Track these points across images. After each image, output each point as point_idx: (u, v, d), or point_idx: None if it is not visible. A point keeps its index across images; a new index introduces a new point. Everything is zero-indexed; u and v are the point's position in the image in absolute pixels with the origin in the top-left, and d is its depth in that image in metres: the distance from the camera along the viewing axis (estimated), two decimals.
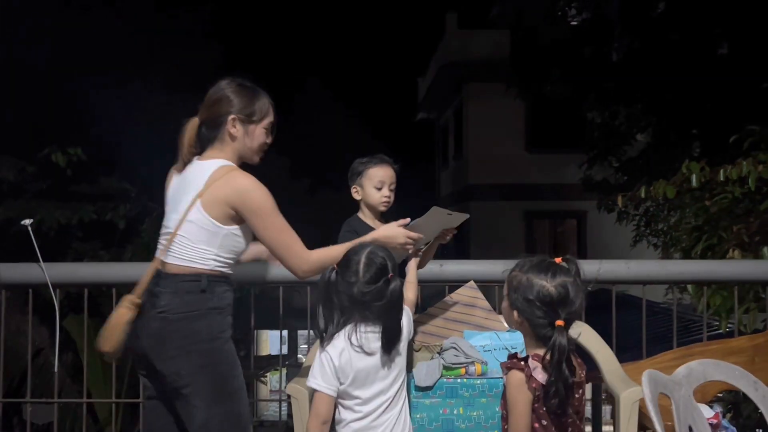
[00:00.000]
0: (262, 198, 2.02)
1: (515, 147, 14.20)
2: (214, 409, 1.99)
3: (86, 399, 3.35)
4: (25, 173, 6.63)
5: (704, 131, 9.13)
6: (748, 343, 2.81)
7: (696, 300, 4.35)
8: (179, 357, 1.98)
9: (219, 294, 2.03)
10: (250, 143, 2.11)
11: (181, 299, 1.99)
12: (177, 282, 2.01)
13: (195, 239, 2.02)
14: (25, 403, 3.29)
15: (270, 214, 2.03)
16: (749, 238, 4.46)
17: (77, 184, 6.67)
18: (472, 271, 2.91)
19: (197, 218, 2.01)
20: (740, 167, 4.25)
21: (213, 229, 2.01)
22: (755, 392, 1.77)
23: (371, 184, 2.50)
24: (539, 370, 1.72)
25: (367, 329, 1.99)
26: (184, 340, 1.98)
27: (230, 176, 2.02)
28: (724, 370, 1.75)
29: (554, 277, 1.75)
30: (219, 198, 2.00)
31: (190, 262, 2.02)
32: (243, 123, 2.09)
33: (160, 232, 2.14)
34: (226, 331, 2.04)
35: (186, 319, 1.99)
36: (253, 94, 2.12)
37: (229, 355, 2.04)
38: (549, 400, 1.71)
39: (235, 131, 2.08)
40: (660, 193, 4.68)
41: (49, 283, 2.79)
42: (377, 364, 2.00)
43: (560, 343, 1.69)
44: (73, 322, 4.67)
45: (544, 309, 1.74)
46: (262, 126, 2.12)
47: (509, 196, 14.08)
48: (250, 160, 2.15)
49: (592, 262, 2.95)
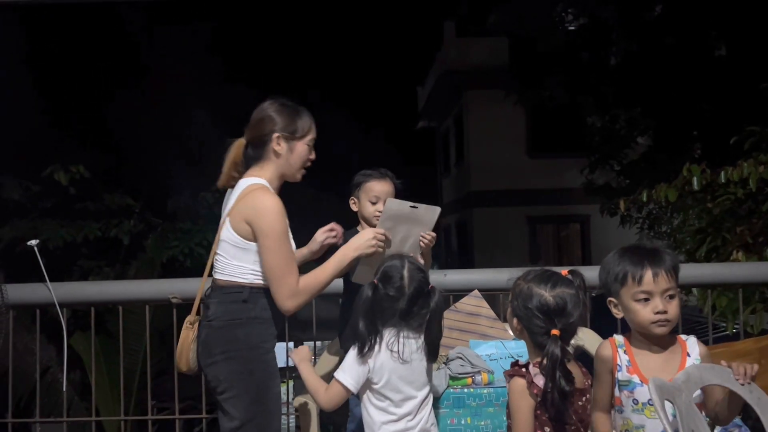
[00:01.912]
0: (274, 221, 2.04)
1: (516, 153, 14.22)
2: (246, 419, 2.03)
3: (95, 417, 3.35)
4: (30, 192, 6.67)
5: (704, 133, 9.14)
6: (755, 345, 2.80)
7: (701, 302, 4.35)
8: (220, 362, 2.05)
9: (261, 305, 2.08)
10: (293, 160, 2.16)
11: (225, 308, 2.08)
12: (222, 293, 2.10)
13: (230, 256, 2.09)
14: (35, 422, 3.30)
15: (276, 238, 2.04)
16: (753, 239, 4.46)
17: (81, 201, 6.71)
18: (476, 279, 2.91)
19: (227, 236, 2.10)
20: (741, 168, 4.26)
21: (243, 245, 2.07)
22: (750, 395, 1.77)
23: (367, 198, 2.53)
24: (540, 377, 1.74)
25: (408, 336, 2.03)
26: (226, 346, 2.05)
27: (254, 194, 2.07)
28: (720, 373, 1.76)
29: (554, 288, 1.79)
30: (242, 215, 2.07)
31: (231, 276, 2.10)
32: (287, 140, 2.15)
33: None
34: (267, 342, 2.09)
35: (228, 326, 2.06)
36: (295, 112, 2.18)
37: (269, 365, 2.08)
38: (546, 407, 1.72)
39: (280, 148, 2.14)
40: (662, 196, 4.68)
41: (56, 302, 2.80)
42: (413, 370, 2.03)
43: (552, 352, 1.71)
44: (80, 340, 4.69)
45: (542, 317, 1.77)
46: (305, 142, 2.18)
47: (512, 202, 14.08)
48: (293, 177, 2.20)
49: (595, 269, 2.95)
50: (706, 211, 4.91)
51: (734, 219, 4.72)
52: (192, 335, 2.13)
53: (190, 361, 2.13)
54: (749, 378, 1.81)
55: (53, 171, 6.18)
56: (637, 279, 1.82)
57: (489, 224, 14.18)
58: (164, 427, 5.37)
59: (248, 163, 2.18)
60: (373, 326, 2.02)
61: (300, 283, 2.06)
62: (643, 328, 1.85)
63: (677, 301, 1.86)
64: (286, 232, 2.07)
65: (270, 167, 2.16)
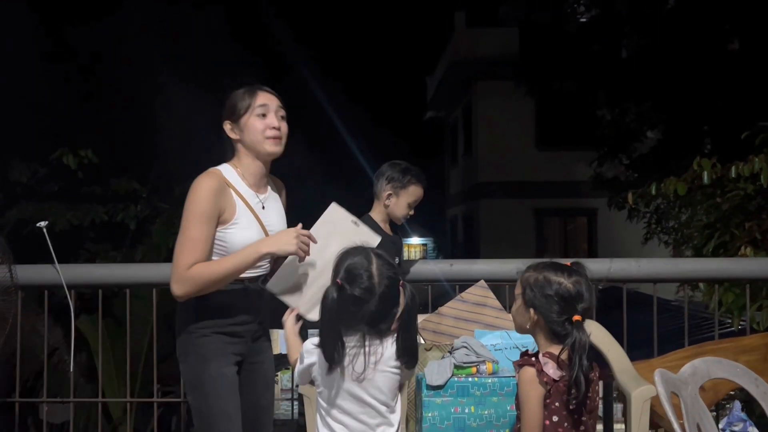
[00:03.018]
0: (193, 200, 2.02)
1: (525, 144, 14.16)
2: (190, 401, 2.11)
3: (101, 398, 3.38)
4: (38, 175, 6.69)
5: (715, 128, 9.07)
6: (761, 341, 2.80)
7: (708, 298, 4.33)
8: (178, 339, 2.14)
9: (206, 296, 2.05)
10: (249, 137, 2.11)
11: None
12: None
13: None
14: (41, 402, 3.33)
15: (188, 217, 2.01)
16: (761, 236, 4.43)
17: (88, 185, 6.73)
18: (482, 270, 2.91)
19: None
20: (752, 164, 4.22)
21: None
22: (756, 389, 1.78)
23: (407, 200, 2.57)
24: (550, 366, 1.75)
25: (374, 344, 1.80)
26: (177, 326, 2.12)
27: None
28: (727, 368, 1.76)
29: (570, 276, 1.81)
30: None
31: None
32: (233, 123, 2.13)
33: None
34: (205, 328, 2.07)
35: (181, 306, 2.10)
36: (236, 95, 2.14)
37: (201, 348, 2.07)
38: (570, 395, 1.73)
39: (233, 134, 2.13)
40: (671, 190, 4.65)
41: (64, 284, 2.82)
42: (376, 386, 1.81)
43: (580, 338, 1.73)
44: (86, 323, 4.71)
45: (562, 304, 1.78)
46: (252, 114, 2.10)
47: (519, 194, 14.04)
48: (263, 151, 2.12)
49: (603, 261, 2.95)
50: (715, 206, 4.87)
51: (743, 215, 4.68)
52: None
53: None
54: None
55: (62, 154, 6.20)
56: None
57: (496, 216, 14.15)
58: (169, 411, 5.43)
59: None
60: (335, 333, 1.76)
61: (191, 270, 1.99)
62: None
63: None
64: (204, 213, 2.00)
65: (240, 154, 2.15)
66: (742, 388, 2.21)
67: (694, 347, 2.82)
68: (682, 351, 2.82)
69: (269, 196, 2.22)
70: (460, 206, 17.16)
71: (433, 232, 20.64)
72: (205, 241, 2.01)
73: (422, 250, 20.64)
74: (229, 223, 2.06)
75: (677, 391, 1.87)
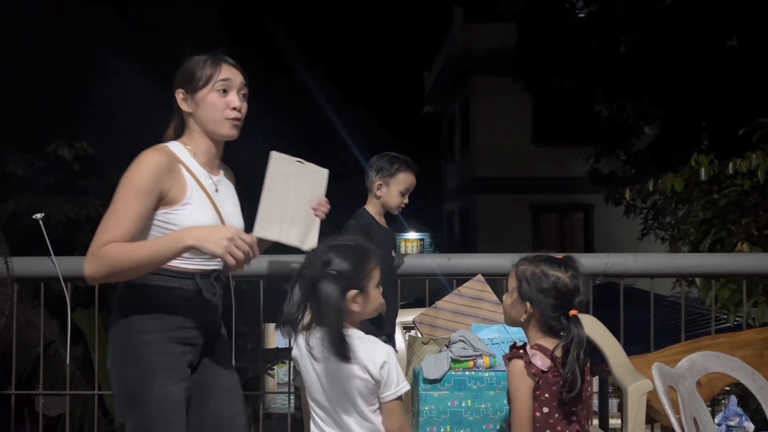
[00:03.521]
0: (133, 171, 1.74)
1: (522, 140, 14.17)
2: (120, 420, 1.78)
3: (97, 391, 3.37)
4: (34, 168, 6.66)
5: (713, 124, 9.08)
6: (757, 336, 2.81)
7: (704, 293, 4.35)
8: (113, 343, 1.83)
9: (147, 292, 1.78)
10: (205, 114, 1.84)
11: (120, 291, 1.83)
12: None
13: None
14: (37, 395, 3.32)
15: (122, 189, 1.73)
16: (758, 232, 4.44)
17: (85, 178, 6.70)
18: (479, 264, 2.91)
19: None
20: (749, 160, 4.23)
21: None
22: (753, 383, 1.79)
23: (398, 188, 2.53)
24: (538, 357, 1.76)
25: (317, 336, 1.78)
26: (113, 326, 1.82)
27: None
28: (724, 362, 1.77)
29: (567, 270, 1.80)
30: None
31: None
32: (188, 94, 1.85)
33: None
34: (150, 333, 1.76)
35: (119, 303, 1.81)
36: (195, 63, 1.85)
37: (146, 362, 1.74)
38: (564, 388, 1.73)
39: (186, 106, 1.85)
40: (668, 186, 4.66)
41: (60, 276, 2.80)
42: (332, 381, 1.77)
43: (578, 333, 1.73)
44: (82, 316, 4.70)
45: (559, 298, 1.77)
46: (213, 89, 1.83)
47: (516, 190, 14.05)
48: (220, 134, 1.87)
49: (599, 256, 2.95)
50: (712, 202, 4.89)
51: (740, 211, 4.70)
52: None
53: None
54: None
55: (57, 146, 6.17)
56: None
57: (492, 211, 14.16)
58: None
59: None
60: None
61: (106, 248, 1.68)
62: None
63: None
64: (141, 188, 1.72)
65: (192, 132, 1.87)
66: (737, 383, 2.22)
67: (690, 342, 2.83)
68: (678, 346, 2.83)
69: (222, 180, 1.95)
70: (456, 201, 17.16)
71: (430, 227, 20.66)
72: (133, 219, 1.71)
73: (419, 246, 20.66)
74: (180, 204, 1.78)
75: (674, 386, 1.87)
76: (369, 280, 1.77)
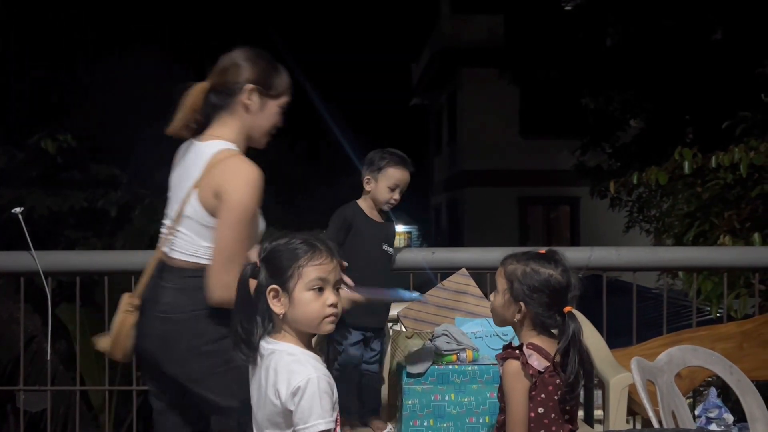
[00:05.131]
0: (246, 194, 1.73)
1: (509, 133, 14.20)
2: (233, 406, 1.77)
3: (80, 387, 3.35)
4: (15, 160, 6.58)
5: (697, 117, 9.15)
6: (737, 329, 2.84)
7: (687, 286, 4.39)
8: (191, 359, 1.78)
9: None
10: (262, 120, 1.88)
11: (188, 297, 1.78)
12: (182, 277, 1.80)
13: (196, 235, 1.79)
14: (19, 390, 3.29)
15: (241, 214, 1.73)
16: (740, 225, 4.49)
17: (67, 171, 6.63)
18: (464, 258, 2.91)
19: (194, 213, 1.79)
20: (732, 154, 4.26)
21: (211, 224, 1.76)
22: (730, 376, 1.81)
23: (386, 183, 2.50)
24: (534, 358, 1.73)
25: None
26: (194, 341, 1.78)
27: (228, 162, 1.76)
28: (702, 356, 1.79)
29: (557, 266, 1.77)
30: (212, 187, 1.75)
31: (195, 257, 1.79)
32: (260, 95, 1.86)
33: (162, 220, 1.92)
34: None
35: (193, 318, 1.77)
36: (273, 67, 1.90)
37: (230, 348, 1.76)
38: (567, 389, 1.71)
39: (251, 103, 1.85)
40: (652, 179, 4.68)
41: (40, 271, 2.78)
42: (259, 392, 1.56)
43: (575, 329, 1.71)
44: (66, 311, 4.66)
45: (553, 296, 1.75)
46: (278, 104, 1.90)
47: (503, 182, 14.09)
48: (258, 142, 1.92)
49: (583, 250, 2.96)
50: (696, 195, 4.92)
51: (723, 204, 4.74)
52: (131, 321, 1.85)
53: (126, 350, 1.88)
54: None
55: (40, 138, 6.09)
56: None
57: (480, 204, 14.20)
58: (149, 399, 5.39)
59: (209, 114, 1.86)
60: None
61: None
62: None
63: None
64: (256, 212, 1.77)
65: (234, 124, 1.85)
66: (717, 375, 2.25)
67: (671, 335, 2.86)
68: (660, 339, 2.86)
69: None
70: (444, 194, 17.19)
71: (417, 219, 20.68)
72: (250, 243, 1.76)
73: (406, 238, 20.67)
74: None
75: (653, 379, 1.89)
76: (297, 279, 1.51)
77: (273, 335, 1.56)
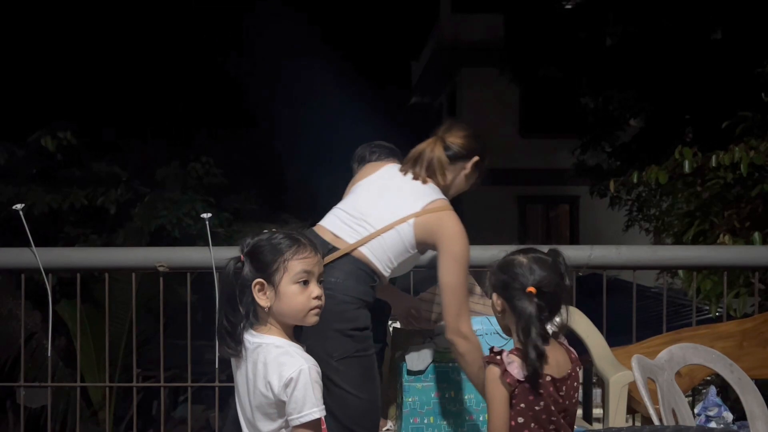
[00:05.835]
0: (466, 249, 2.12)
1: (509, 131, 14.19)
2: (363, 395, 1.98)
3: (80, 383, 3.35)
4: (15, 157, 6.58)
5: (697, 117, 9.15)
6: (737, 327, 2.84)
7: (686, 285, 4.39)
8: (335, 338, 1.96)
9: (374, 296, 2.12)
10: (466, 185, 2.29)
11: (354, 284, 2.03)
12: (357, 266, 2.04)
13: (389, 247, 2.09)
14: (18, 386, 3.29)
15: (465, 265, 2.12)
16: (740, 224, 4.49)
17: (67, 168, 6.64)
18: None
19: (404, 233, 2.09)
20: (732, 153, 4.26)
21: (408, 248, 2.11)
22: (731, 374, 1.81)
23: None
24: (515, 365, 1.66)
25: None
26: (345, 324, 1.98)
27: (445, 215, 2.11)
28: (702, 354, 1.79)
29: (528, 252, 1.76)
30: (428, 229, 2.09)
31: (377, 260, 2.08)
32: (476, 167, 2.27)
33: (343, 210, 2.14)
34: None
35: (352, 303, 2.01)
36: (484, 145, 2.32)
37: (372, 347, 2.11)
38: (529, 386, 1.64)
39: (469, 174, 2.27)
40: (652, 178, 4.69)
41: (41, 267, 2.77)
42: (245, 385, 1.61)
43: (524, 308, 1.65)
44: (66, 308, 4.66)
45: (519, 280, 1.70)
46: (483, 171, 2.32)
47: (502, 181, 14.07)
48: (449, 196, 2.26)
49: (583, 248, 2.96)
50: (695, 194, 4.93)
51: (723, 203, 4.74)
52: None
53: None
54: None
55: (40, 136, 6.09)
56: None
57: (479, 203, 14.18)
58: (149, 395, 5.41)
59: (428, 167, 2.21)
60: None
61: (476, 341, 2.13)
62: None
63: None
64: (468, 259, 2.15)
65: (451, 182, 2.24)
66: (718, 373, 2.25)
67: (671, 333, 2.86)
68: (660, 337, 2.86)
69: None
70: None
71: None
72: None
73: None
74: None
75: (654, 377, 1.89)
76: (283, 272, 1.54)
77: (257, 328, 1.58)
